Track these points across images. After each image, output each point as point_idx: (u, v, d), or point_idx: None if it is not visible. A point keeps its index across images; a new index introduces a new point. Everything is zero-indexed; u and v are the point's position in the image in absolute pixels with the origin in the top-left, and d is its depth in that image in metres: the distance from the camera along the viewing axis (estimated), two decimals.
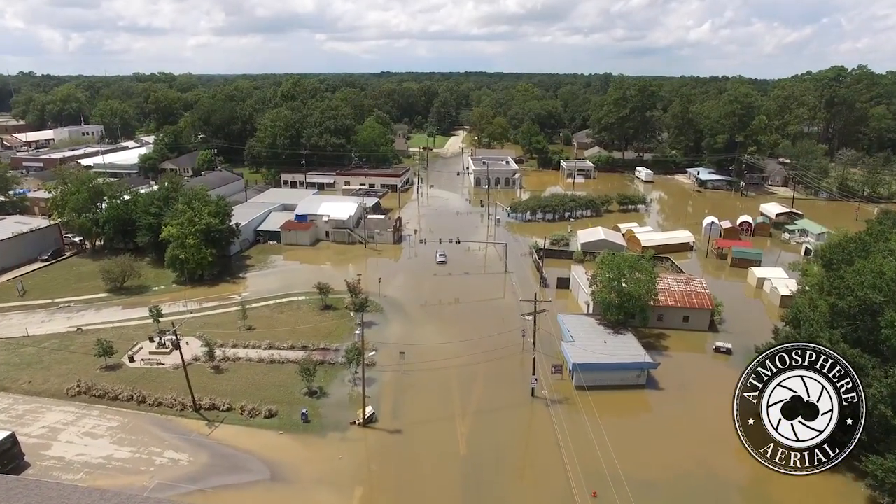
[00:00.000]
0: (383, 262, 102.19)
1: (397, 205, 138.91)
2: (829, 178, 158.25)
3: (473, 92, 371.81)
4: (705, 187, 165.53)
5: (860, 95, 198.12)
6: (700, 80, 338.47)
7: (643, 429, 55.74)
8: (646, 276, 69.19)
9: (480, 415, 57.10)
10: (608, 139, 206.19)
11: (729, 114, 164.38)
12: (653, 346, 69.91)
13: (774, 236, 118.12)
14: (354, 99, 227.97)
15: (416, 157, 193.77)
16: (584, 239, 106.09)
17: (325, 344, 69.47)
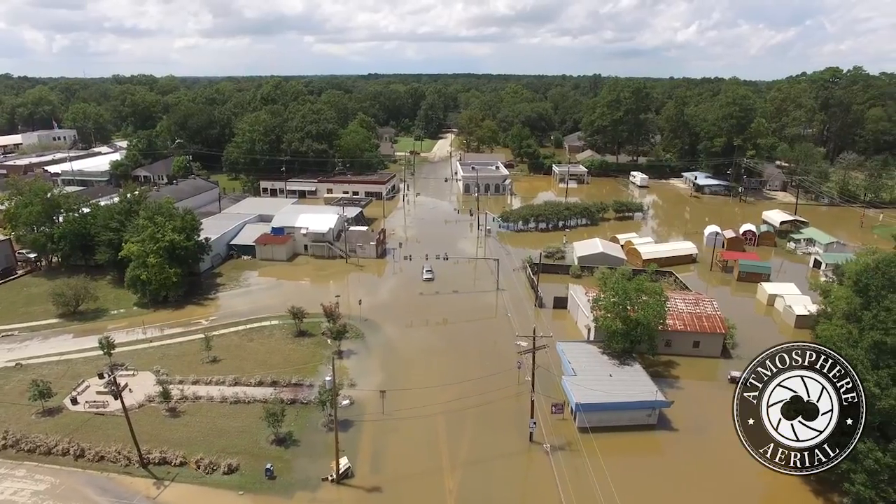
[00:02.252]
0: (365, 279, 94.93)
1: (382, 214, 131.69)
2: (830, 183, 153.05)
3: (462, 94, 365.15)
4: (703, 192, 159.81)
5: (856, 97, 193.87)
6: (692, 82, 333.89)
7: (656, 480, 48.85)
8: (654, 299, 62.47)
9: (472, 466, 50.01)
10: (601, 142, 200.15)
11: (726, 116, 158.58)
12: (661, 376, 63.31)
13: (779, 246, 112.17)
14: (338, 102, 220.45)
15: (403, 163, 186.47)
16: (581, 252, 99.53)
17: (298, 378, 62.04)
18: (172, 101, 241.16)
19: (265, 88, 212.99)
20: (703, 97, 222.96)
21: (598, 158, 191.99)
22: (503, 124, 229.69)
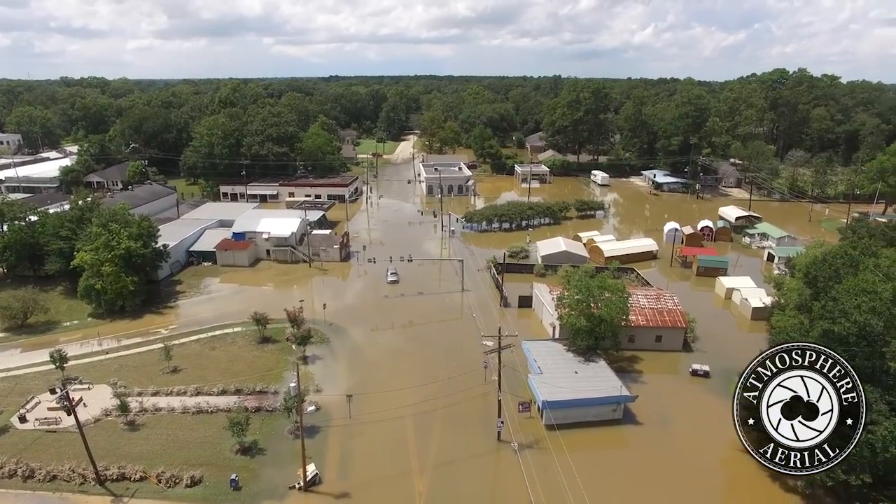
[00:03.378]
0: (329, 283, 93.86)
1: (345, 217, 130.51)
2: (780, 179, 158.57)
3: (423, 95, 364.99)
4: (661, 190, 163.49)
5: (801, 97, 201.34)
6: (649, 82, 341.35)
7: (623, 474, 49.58)
8: (616, 295, 63.49)
9: (441, 467, 49.85)
10: (562, 142, 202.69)
11: (683, 115, 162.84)
12: (625, 371, 64.39)
13: (735, 241, 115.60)
14: (299, 104, 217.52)
15: (365, 165, 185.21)
16: (544, 251, 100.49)
17: (263, 386, 60.83)
18: (126, 105, 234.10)
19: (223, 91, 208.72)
20: (660, 97, 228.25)
21: (560, 158, 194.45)
22: (465, 125, 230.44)
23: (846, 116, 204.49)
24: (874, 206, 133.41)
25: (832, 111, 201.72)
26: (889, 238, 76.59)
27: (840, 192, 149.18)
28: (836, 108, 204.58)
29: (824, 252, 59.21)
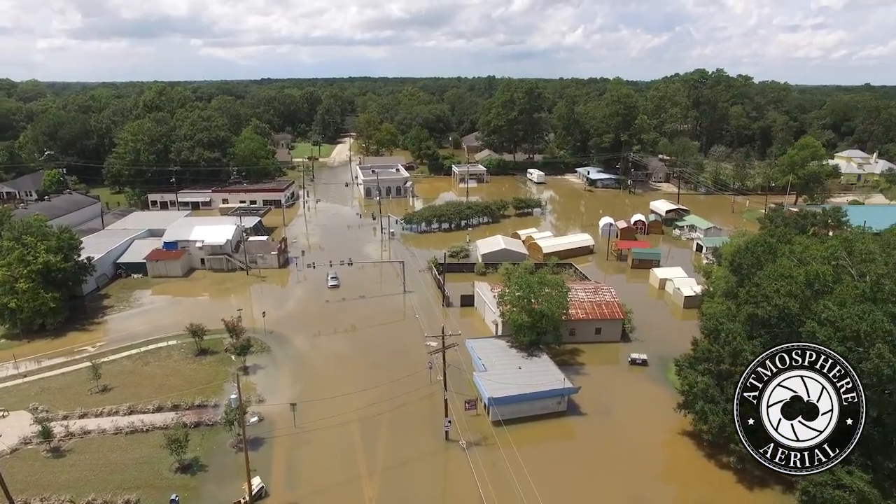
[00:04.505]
0: (268, 290, 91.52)
1: (282, 222, 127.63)
2: (705, 174, 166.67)
3: (358, 97, 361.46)
4: (595, 186, 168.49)
5: (720, 96, 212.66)
6: (580, 82, 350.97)
7: (570, 465, 50.78)
8: (556, 290, 64.92)
9: (390, 471, 49.51)
10: (498, 142, 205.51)
11: (613, 114, 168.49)
12: (568, 364, 65.96)
13: (666, 233, 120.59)
14: (230, 108, 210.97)
15: (301, 169, 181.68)
16: (484, 250, 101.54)
17: (202, 400, 58.62)
18: (38, 109, 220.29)
19: (148, 95, 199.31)
20: (591, 96, 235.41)
21: (496, 157, 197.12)
22: (402, 127, 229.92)
23: (760, 114, 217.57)
24: (787, 197, 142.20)
25: (748, 109, 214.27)
26: (801, 226, 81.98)
27: (758, 185, 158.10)
28: (751, 107, 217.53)
29: (746, 241, 62.67)
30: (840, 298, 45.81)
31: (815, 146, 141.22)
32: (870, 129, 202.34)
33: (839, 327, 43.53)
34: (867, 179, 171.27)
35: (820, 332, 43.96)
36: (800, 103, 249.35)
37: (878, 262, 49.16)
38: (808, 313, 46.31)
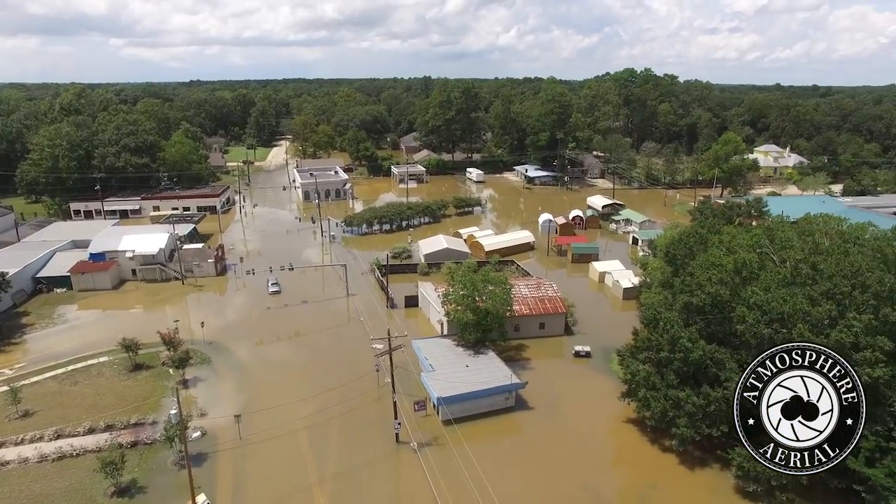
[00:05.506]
0: (207, 299, 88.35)
1: (219, 228, 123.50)
2: (638, 169, 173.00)
3: (293, 99, 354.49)
4: (534, 184, 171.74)
5: (649, 94, 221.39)
6: (515, 82, 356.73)
7: (521, 459, 51.51)
8: (500, 287, 65.71)
9: (341, 477, 48.78)
10: (436, 142, 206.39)
11: (548, 112, 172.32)
12: (514, 360, 66.86)
13: (603, 228, 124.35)
14: (158, 111, 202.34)
15: (236, 173, 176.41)
16: (426, 250, 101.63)
17: (138, 417, 55.89)
18: None
19: (65, 97, 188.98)
20: (526, 95, 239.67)
21: (435, 157, 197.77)
22: (339, 128, 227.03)
23: (686, 111, 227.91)
24: (713, 190, 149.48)
25: (674, 107, 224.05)
26: (727, 217, 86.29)
27: (687, 179, 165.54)
28: (678, 104, 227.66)
29: (679, 233, 65.50)
30: (765, 284, 48.58)
31: (736, 141, 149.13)
32: (782, 126, 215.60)
33: (766, 311, 46.14)
34: (782, 172, 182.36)
35: (749, 316, 46.46)
36: (721, 101, 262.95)
37: (796, 248, 52.46)
38: (738, 299, 48.86)
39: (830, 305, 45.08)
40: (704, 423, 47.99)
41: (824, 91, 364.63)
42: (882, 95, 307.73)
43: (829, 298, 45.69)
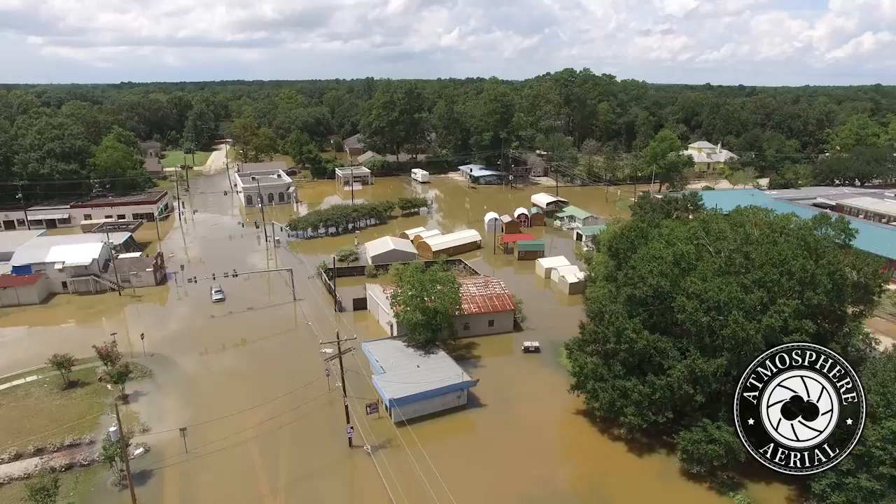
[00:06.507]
0: (146, 310, 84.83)
1: (157, 236, 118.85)
2: (580, 167, 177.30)
3: (233, 102, 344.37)
4: (479, 183, 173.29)
5: (588, 93, 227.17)
6: (458, 82, 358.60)
7: (475, 456, 51.83)
8: (448, 287, 65.99)
9: (294, 485, 47.83)
10: (380, 143, 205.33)
11: (491, 112, 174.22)
12: (465, 358, 67.29)
13: (548, 225, 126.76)
14: (86, 114, 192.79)
15: (174, 178, 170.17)
16: (373, 251, 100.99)
17: (73, 438, 53.08)
18: None
19: None
20: (469, 96, 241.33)
21: (380, 159, 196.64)
22: (280, 131, 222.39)
23: (624, 110, 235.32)
24: (652, 185, 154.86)
25: (613, 105, 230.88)
26: (666, 211, 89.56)
27: (627, 175, 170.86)
28: (616, 103, 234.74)
29: (621, 227, 67.44)
30: (702, 274, 50.69)
31: (671, 139, 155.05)
32: (713, 123, 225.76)
33: (704, 299, 48.14)
34: (714, 167, 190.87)
35: (688, 305, 48.36)
36: (656, 100, 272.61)
37: (729, 239, 54.98)
38: (678, 289, 50.75)
39: (762, 292, 47.46)
40: (650, 410, 49.68)
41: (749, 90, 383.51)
42: (799, 95, 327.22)
43: (761, 286, 48.09)
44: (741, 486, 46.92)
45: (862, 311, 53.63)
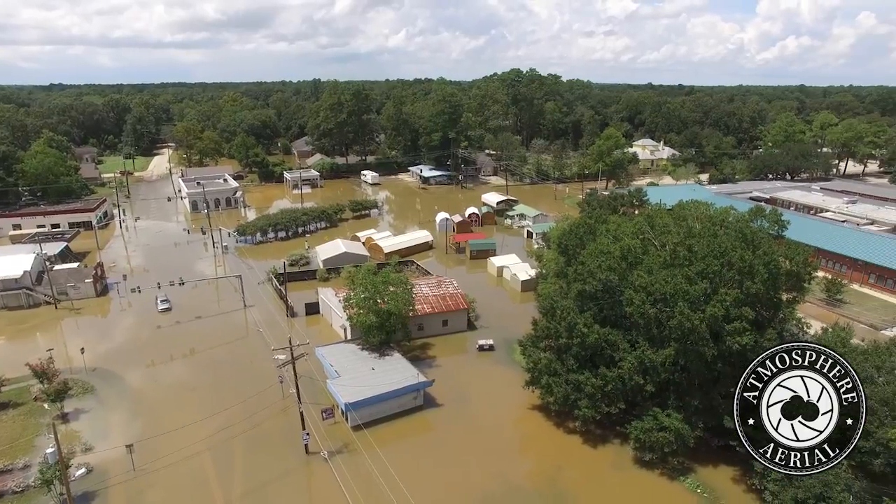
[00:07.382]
0: (86, 323, 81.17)
1: (96, 245, 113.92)
2: (528, 165, 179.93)
3: (174, 105, 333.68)
4: (429, 184, 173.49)
5: (535, 93, 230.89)
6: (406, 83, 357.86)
7: (433, 456, 51.97)
8: (401, 288, 65.87)
9: (250, 496, 46.72)
10: (329, 145, 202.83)
11: (439, 112, 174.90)
12: (420, 359, 67.29)
13: (499, 223, 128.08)
14: (11, 118, 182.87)
15: (114, 185, 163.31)
16: (324, 255, 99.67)
17: (4, 464, 50.19)
18: None
19: None
20: (418, 96, 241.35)
21: (329, 161, 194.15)
22: (225, 134, 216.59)
23: (570, 109, 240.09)
24: (599, 183, 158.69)
25: (559, 105, 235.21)
26: (613, 207, 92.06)
27: (574, 173, 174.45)
28: (562, 103, 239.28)
29: (570, 224, 68.90)
30: (648, 267, 52.30)
31: (616, 136, 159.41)
32: (656, 121, 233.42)
33: (650, 292, 49.66)
34: (658, 164, 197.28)
35: (636, 298, 49.80)
36: (601, 99, 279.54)
37: (673, 233, 56.95)
38: (626, 283, 52.25)
39: (705, 283, 49.37)
40: (603, 402, 50.96)
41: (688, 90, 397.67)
42: (734, 94, 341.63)
43: (704, 277, 50.02)
44: (691, 471, 48.72)
45: (795, 297, 56.42)
